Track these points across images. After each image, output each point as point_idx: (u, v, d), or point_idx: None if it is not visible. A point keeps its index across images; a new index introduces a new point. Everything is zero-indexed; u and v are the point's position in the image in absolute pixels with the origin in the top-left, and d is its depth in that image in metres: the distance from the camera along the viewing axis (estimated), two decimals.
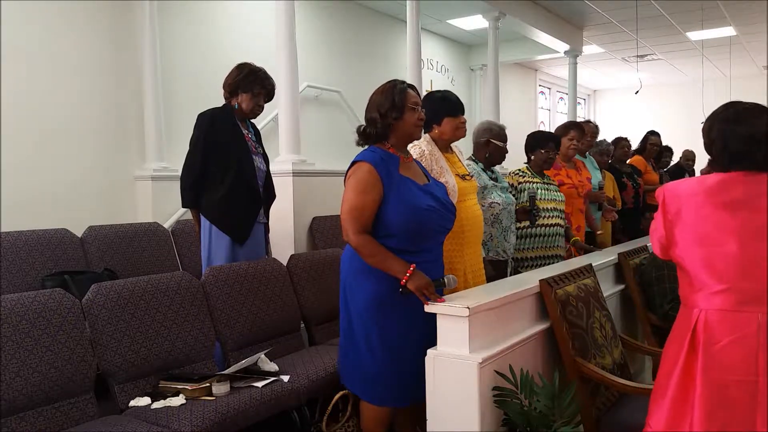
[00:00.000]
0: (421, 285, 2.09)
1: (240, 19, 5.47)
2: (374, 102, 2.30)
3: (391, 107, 2.25)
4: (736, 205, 1.68)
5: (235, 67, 3.20)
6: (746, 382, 1.63)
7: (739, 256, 1.66)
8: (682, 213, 1.74)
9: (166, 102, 4.72)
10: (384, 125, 2.27)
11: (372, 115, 2.29)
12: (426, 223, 2.23)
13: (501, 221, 3.13)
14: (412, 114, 2.29)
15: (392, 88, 2.29)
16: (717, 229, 1.69)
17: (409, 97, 2.29)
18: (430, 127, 2.74)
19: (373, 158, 2.23)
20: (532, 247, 3.45)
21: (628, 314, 3.32)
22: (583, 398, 2.25)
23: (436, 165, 2.62)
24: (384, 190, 2.20)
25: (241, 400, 2.38)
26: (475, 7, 6.78)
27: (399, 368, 2.25)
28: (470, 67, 9.27)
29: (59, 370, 2.22)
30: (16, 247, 3.19)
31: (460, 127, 2.75)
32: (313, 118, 6.02)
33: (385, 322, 2.23)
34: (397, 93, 2.27)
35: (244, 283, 3.00)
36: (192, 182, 3.10)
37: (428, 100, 2.78)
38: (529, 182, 3.49)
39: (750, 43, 9.18)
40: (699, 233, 1.71)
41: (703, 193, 1.72)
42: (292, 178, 4.07)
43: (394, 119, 2.26)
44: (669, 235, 1.78)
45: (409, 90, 2.32)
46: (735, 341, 1.65)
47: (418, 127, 2.34)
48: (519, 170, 3.61)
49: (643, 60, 10.15)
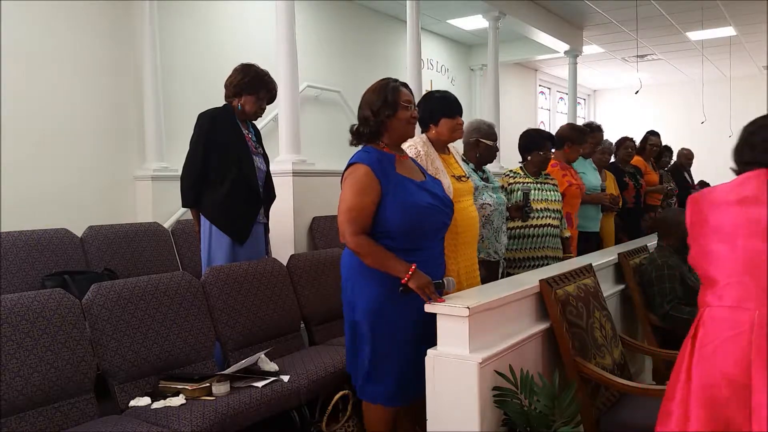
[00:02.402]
0: (422, 284, 2.08)
1: (240, 19, 5.47)
2: (367, 100, 2.29)
3: (383, 105, 2.24)
4: (747, 201, 1.67)
5: (240, 68, 3.18)
6: (737, 382, 1.61)
7: (745, 250, 1.65)
8: (702, 216, 1.75)
9: (166, 102, 4.72)
10: (377, 123, 2.26)
11: (365, 113, 2.28)
12: (426, 220, 2.23)
13: (492, 222, 3.09)
14: (405, 112, 2.28)
15: (385, 86, 2.28)
16: (729, 225, 1.68)
17: (401, 95, 2.28)
18: (427, 126, 2.73)
19: (369, 159, 2.22)
20: (522, 248, 3.42)
21: (628, 314, 3.32)
22: (583, 398, 2.25)
23: (431, 166, 2.60)
24: (382, 191, 2.19)
25: (241, 400, 2.38)
26: (475, 7, 6.78)
27: (401, 368, 2.25)
28: (470, 67, 9.27)
29: (59, 370, 2.22)
30: (16, 247, 3.19)
31: (457, 129, 2.72)
32: (313, 118, 6.02)
33: (385, 321, 2.23)
34: (390, 91, 2.26)
35: (244, 283, 3.00)
36: (192, 182, 3.10)
37: (426, 100, 2.77)
38: (521, 183, 3.46)
39: (750, 43, 9.18)
40: (714, 229, 1.71)
41: (719, 192, 1.73)
42: (292, 178, 4.07)
43: (387, 117, 2.25)
44: (692, 241, 1.78)
45: (401, 88, 2.30)
46: (729, 339, 1.64)
47: (411, 124, 2.32)
48: (511, 171, 3.59)
49: (643, 60, 10.15)
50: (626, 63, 10.41)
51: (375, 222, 2.20)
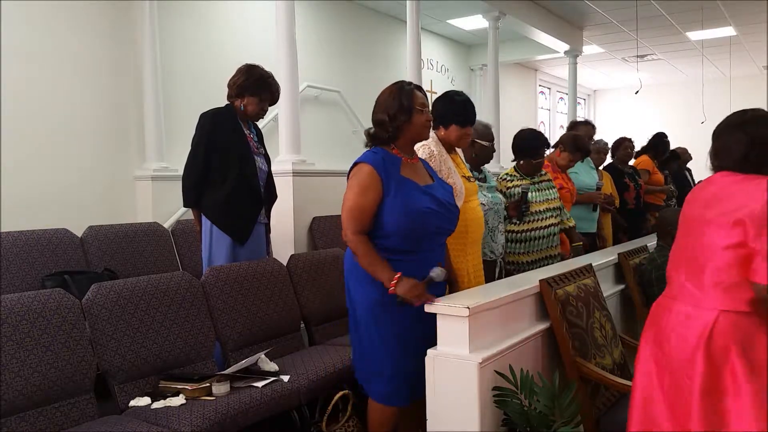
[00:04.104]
0: (408, 290, 2.09)
1: (240, 19, 5.47)
2: (382, 104, 2.30)
3: (399, 110, 2.26)
4: (687, 201, 1.86)
5: (244, 68, 3.17)
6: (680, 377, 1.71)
7: (680, 246, 1.82)
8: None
9: (166, 102, 4.71)
10: (394, 128, 2.28)
11: (380, 117, 2.29)
12: (423, 224, 2.23)
13: (487, 221, 3.08)
14: (420, 116, 2.30)
15: (399, 90, 2.29)
16: (683, 223, 1.85)
17: (416, 99, 2.30)
18: (437, 126, 2.74)
19: (374, 159, 2.24)
20: (528, 251, 3.38)
21: (628, 314, 3.32)
22: (583, 398, 2.25)
23: (444, 166, 2.62)
24: (383, 191, 2.20)
25: (241, 400, 2.38)
26: (475, 7, 6.78)
27: (401, 367, 2.25)
28: (470, 67, 9.27)
29: (59, 370, 2.22)
30: (16, 247, 3.19)
31: (464, 138, 2.74)
32: (313, 118, 6.02)
33: (386, 320, 2.24)
34: (405, 95, 2.28)
35: (244, 283, 3.00)
36: (194, 182, 3.09)
37: (443, 101, 2.76)
38: (517, 185, 3.43)
39: (750, 43, 9.18)
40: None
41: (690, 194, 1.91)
42: (292, 178, 4.07)
43: (403, 122, 2.27)
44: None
45: (416, 91, 2.32)
46: (673, 332, 1.75)
47: (426, 128, 2.35)
48: (507, 174, 3.55)
49: (643, 60, 10.15)
50: (626, 63, 10.41)
51: (375, 222, 2.21)
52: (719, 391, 1.64)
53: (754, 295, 1.62)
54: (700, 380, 1.64)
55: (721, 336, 1.64)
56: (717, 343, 1.64)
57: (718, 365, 1.64)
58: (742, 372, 1.60)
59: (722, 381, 1.63)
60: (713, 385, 1.64)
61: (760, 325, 1.64)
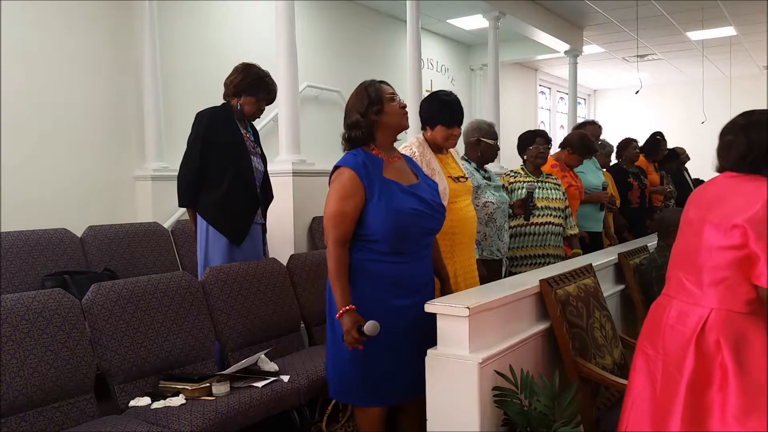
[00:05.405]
0: (346, 329, 2.06)
1: (240, 19, 5.47)
2: (351, 106, 2.27)
3: (369, 104, 2.22)
4: (705, 201, 1.82)
5: (241, 68, 3.15)
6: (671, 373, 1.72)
7: (680, 245, 1.83)
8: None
9: (166, 102, 4.71)
10: (368, 124, 2.23)
11: (353, 118, 2.25)
12: (409, 226, 2.19)
13: (495, 220, 3.11)
14: (392, 103, 2.26)
15: (366, 88, 2.27)
16: (684, 223, 1.85)
17: (384, 90, 2.27)
18: (423, 127, 2.73)
19: (355, 163, 2.19)
20: (524, 246, 3.44)
21: (628, 314, 3.32)
22: (583, 398, 2.25)
23: (427, 167, 2.58)
24: (366, 196, 2.16)
25: (241, 400, 2.38)
26: (475, 7, 6.78)
27: (368, 364, 2.19)
28: (470, 67, 9.27)
29: (59, 370, 2.22)
30: (16, 247, 3.19)
31: (451, 139, 2.69)
32: (313, 118, 6.02)
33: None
34: (372, 89, 2.25)
35: (244, 283, 3.00)
36: (189, 182, 3.07)
37: (429, 101, 2.76)
38: (522, 182, 3.48)
39: (750, 43, 9.18)
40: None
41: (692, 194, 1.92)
42: (291, 178, 4.07)
43: (376, 114, 2.23)
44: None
45: (382, 84, 2.29)
46: (669, 328, 1.76)
47: (402, 115, 2.29)
48: (512, 171, 3.61)
49: (643, 60, 10.15)
50: (626, 63, 10.41)
51: (360, 226, 2.17)
52: (706, 385, 1.64)
53: (752, 296, 1.62)
54: (689, 373, 1.65)
55: (713, 331, 1.64)
56: (709, 338, 1.65)
57: (708, 359, 1.65)
58: (732, 368, 1.61)
59: (711, 375, 1.64)
60: (701, 378, 1.65)
61: (757, 325, 1.64)
